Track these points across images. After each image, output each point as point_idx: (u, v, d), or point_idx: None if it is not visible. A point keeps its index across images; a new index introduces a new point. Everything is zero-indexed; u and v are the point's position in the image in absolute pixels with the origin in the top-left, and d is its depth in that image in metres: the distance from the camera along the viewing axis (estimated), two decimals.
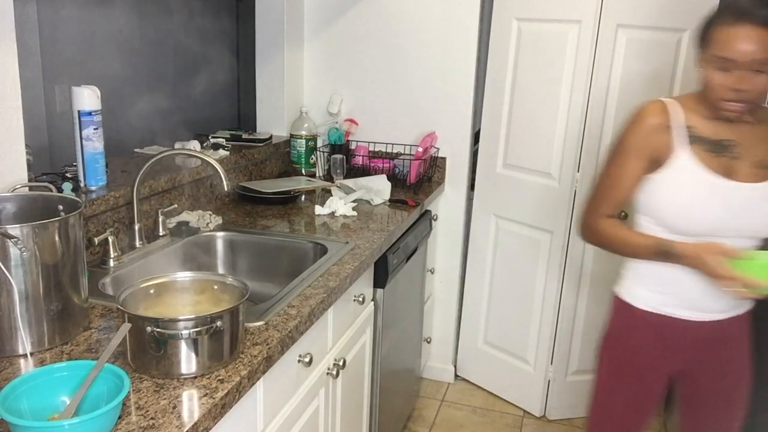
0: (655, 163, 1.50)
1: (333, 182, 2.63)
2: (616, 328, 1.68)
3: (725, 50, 1.36)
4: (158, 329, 1.15)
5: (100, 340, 1.30)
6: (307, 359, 1.54)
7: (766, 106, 1.54)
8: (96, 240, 1.70)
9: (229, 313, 1.21)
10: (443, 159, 2.88)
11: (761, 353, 2.09)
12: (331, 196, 2.40)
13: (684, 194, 1.48)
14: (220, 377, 1.19)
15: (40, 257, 1.22)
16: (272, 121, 2.90)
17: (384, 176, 2.61)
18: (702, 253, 1.43)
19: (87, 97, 1.77)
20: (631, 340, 1.65)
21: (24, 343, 1.23)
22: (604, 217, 1.58)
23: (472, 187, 2.94)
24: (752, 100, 1.40)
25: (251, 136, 2.70)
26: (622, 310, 1.66)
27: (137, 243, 1.82)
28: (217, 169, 1.77)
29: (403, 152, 2.88)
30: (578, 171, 2.54)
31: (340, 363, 1.76)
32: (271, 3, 2.77)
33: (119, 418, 1.04)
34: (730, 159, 1.47)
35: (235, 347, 1.25)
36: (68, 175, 1.85)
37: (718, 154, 1.47)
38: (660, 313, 1.59)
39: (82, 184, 1.81)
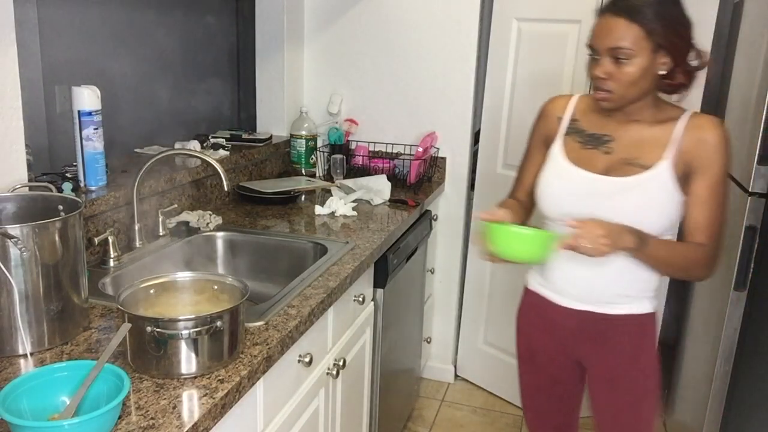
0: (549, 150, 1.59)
1: (333, 182, 2.63)
2: (519, 311, 1.72)
3: (590, 39, 1.42)
4: (158, 329, 1.15)
5: (100, 340, 1.30)
6: (307, 359, 1.54)
7: (676, 105, 1.49)
8: (96, 240, 1.70)
9: (229, 313, 1.21)
10: (443, 159, 2.88)
11: (759, 353, 2.10)
12: (331, 196, 2.40)
13: (544, 179, 1.55)
14: (220, 377, 1.19)
15: (40, 257, 1.22)
16: (272, 121, 2.90)
17: (384, 176, 2.61)
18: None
19: (87, 97, 1.77)
20: (526, 322, 1.69)
21: (24, 343, 1.23)
22: (514, 199, 1.67)
23: (472, 187, 2.94)
24: (617, 90, 1.40)
25: (251, 136, 2.70)
26: (523, 293, 1.72)
27: (137, 243, 1.82)
28: (217, 169, 1.78)
29: (403, 152, 2.88)
30: None
31: (340, 363, 1.76)
32: (271, 3, 2.77)
33: (119, 418, 1.04)
34: (602, 153, 1.49)
35: (235, 347, 1.25)
36: (68, 175, 1.85)
37: (592, 147, 1.50)
38: (539, 294, 1.63)
39: (82, 184, 1.81)
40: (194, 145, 2.37)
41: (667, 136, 1.44)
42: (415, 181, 2.72)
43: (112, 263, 1.71)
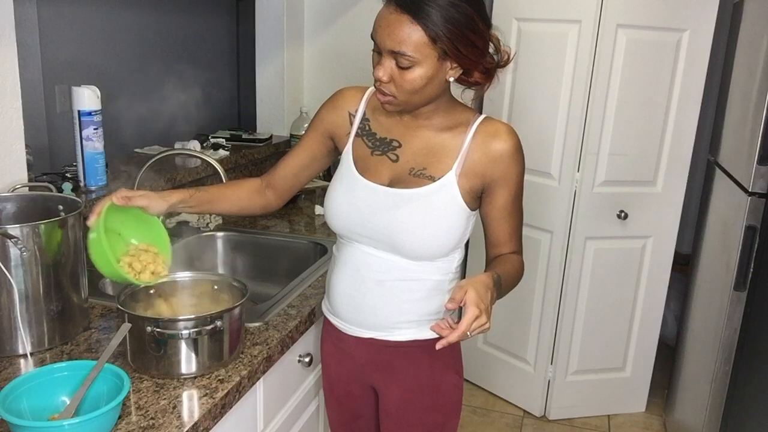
0: (334, 144, 1.43)
1: None
2: (321, 340, 1.55)
3: (373, 30, 1.22)
4: (158, 329, 1.15)
5: (100, 340, 1.30)
6: (307, 359, 1.54)
7: (468, 107, 1.38)
8: None
9: (229, 313, 1.21)
10: None
11: (760, 353, 2.10)
12: None
13: (333, 191, 1.37)
14: (220, 377, 1.19)
15: (40, 257, 1.22)
16: (272, 121, 2.90)
17: None
18: None
19: (87, 97, 1.77)
20: (324, 353, 1.52)
21: (24, 343, 1.23)
22: (258, 178, 1.50)
23: None
24: (400, 96, 1.23)
25: (251, 136, 2.70)
26: (323, 320, 1.54)
27: None
28: (217, 169, 1.78)
29: None
30: (578, 171, 2.54)
31: None
32: (271, 3, 2.77)
33: (119, 418, 1.04)
34: (390, 160, 1.32)
35: (235, 347, 1.25)
36: (68, 175, 1.85)
37: (380, 153, 1.34)
38: (330, 321, 1.45)
39: (82, 184, 1.81)
40: (194, 145, 2.37)
41: (457, 145, 1.30)
42: None
43: None
